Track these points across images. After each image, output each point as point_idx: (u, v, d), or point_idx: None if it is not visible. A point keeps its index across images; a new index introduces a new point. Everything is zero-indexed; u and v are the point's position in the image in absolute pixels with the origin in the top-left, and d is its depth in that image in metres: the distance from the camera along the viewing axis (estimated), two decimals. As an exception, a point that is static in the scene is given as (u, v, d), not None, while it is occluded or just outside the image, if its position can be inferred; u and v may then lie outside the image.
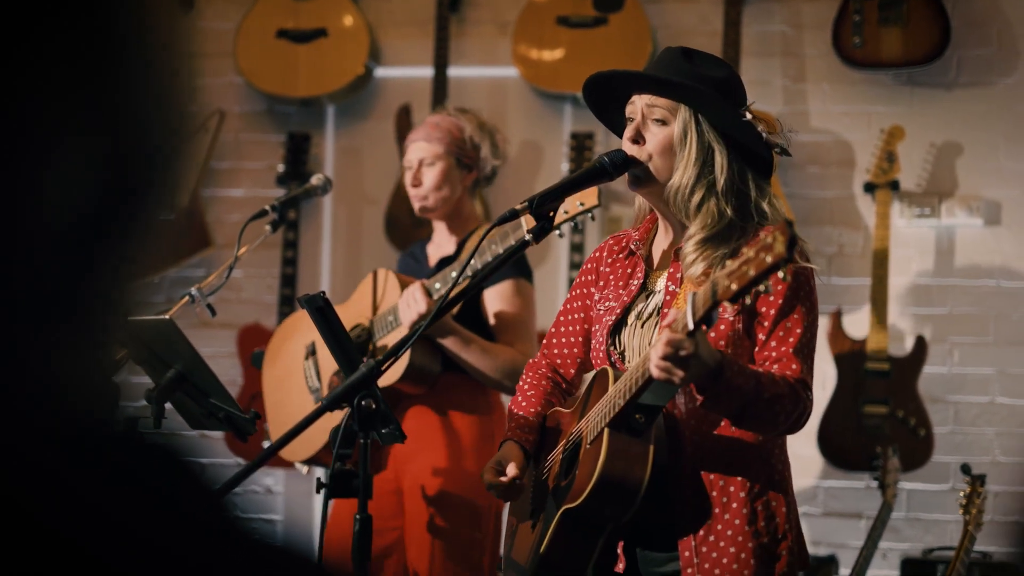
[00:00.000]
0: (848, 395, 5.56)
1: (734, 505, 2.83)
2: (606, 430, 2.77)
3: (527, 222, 3.57)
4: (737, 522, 2.82)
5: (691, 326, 2.51)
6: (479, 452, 4.07)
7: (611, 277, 3.05)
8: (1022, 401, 5.61)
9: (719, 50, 5.64)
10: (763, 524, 2.83)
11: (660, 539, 2.88)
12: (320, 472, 4.57)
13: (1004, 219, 5.66)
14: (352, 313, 4.23)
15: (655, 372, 2.57)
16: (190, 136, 0.73)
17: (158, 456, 0.69)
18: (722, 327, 2.82)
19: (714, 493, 2.84)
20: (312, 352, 4.32)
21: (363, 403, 2.68)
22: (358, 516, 2.75)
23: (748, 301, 2.47)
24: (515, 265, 4.07)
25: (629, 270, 3.02)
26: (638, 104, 2.93)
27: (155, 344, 3.33)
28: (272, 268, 6.14)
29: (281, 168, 6.14)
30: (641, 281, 2.99)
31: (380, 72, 6.29)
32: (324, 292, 2.96)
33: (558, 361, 3.19)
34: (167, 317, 3.34)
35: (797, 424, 2.81)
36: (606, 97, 3.05)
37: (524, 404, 3.15)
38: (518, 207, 2.83)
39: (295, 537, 0.75)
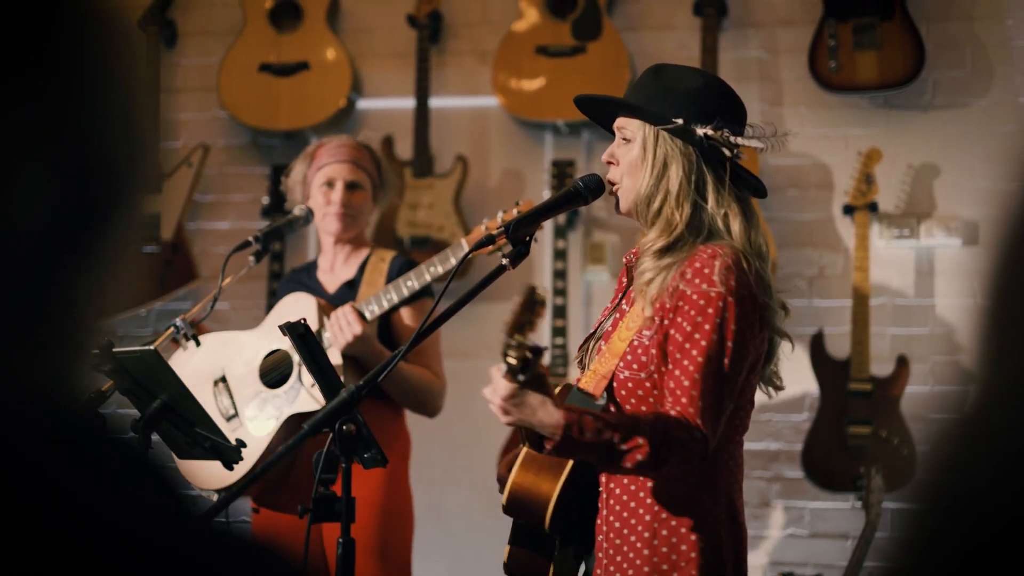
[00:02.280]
0: (831, 416, 5.60)
1: (639, 527, 2.86)
2: (523, 448, 2.87)
3: (467, 243, 3.68)
4: (638, 544, 2.85)
5: (503, 372, 2.63)
6: (389, 488, 4.18)
7: (614, 289, 3.13)
8: (1004, 419, 5.64)
9: (697, 76, 5.69)
10: (663, 549, 2.84)
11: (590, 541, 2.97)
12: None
13: (982, 238, 5.71)
14: (270, 337, 4.22)
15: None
16: (151, 156, 0.76)
17: (131, 453, 0.72)
18: (639, 351, 2.85)
19: (625, 513, 2.87)
20: (222, 379, 4.24)
21: (344, 428, 2.72)
22: (340, 540, 2.78)
23: (513, 361, 2.58)
24: (425, 287, 4.11)
25: (623, 283, 3.08)
26: (616, 128, 3.01)
27: (140, 375, 3.36)
28: (258, 299, 6.17)
29: (266, 200, 6.18)
30: (622, 293, 3.04)
31: (362, 104, 6.34)
32: (305, 319, 3.00)
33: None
34: (152, 348, 3.37)
35: (678, 466, 2.78)
36: (603, 118, 3.13)
37: None
38: (494, 232, 2.88)
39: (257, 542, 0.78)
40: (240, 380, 4.20)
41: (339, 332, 3.98)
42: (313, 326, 4.03)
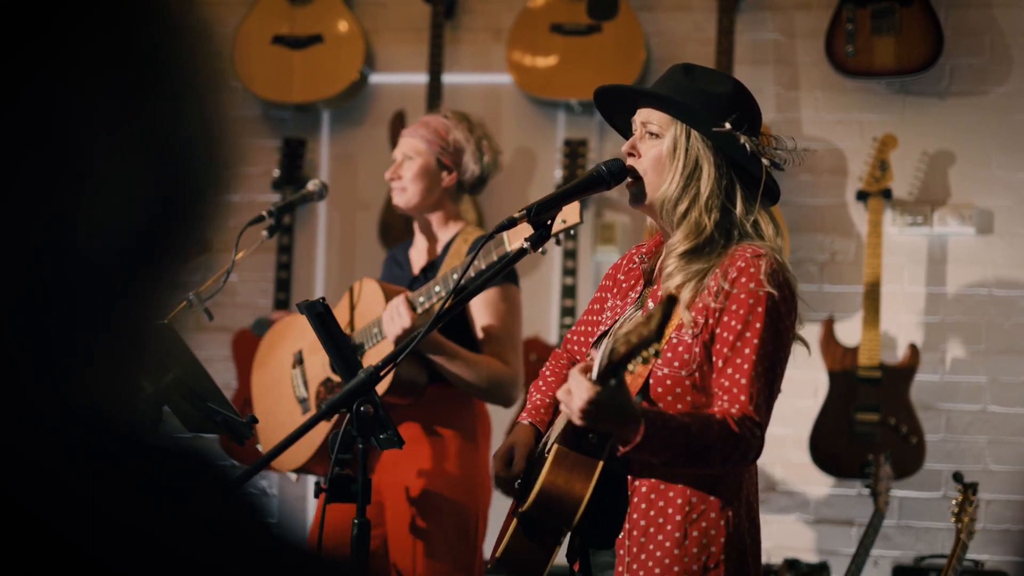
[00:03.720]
0: (840, 402, 5.58)
1: (668, 527, 2.83)
2: (555, 446, 2.82)
3: (508, 238, 3.59)
4: (667, 544, 2.82)
5: (594, 376, 2.59)
6: (463, 460, 4.07)
7: (623, 286, 3.07)
8: (1014, 409, 5.63)
9: (712, 58, 5.67)
10: (694, 550, 2.82)
11: (608, 543, 2.92)
12: (312, 477, 4.57)
13: (996, 228, 5.69)
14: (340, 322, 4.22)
15: (561, 408, 2.70)
16: (230, 167, 0.74)
17: (196, 467, 0.70)
18: (680, 349, 2.82)
19: (652, 512, 2.84)
20: (300, 361, 4.32)
21: (362, 409, 2.70)
22: (356, 520, 2.77)
23: (632, 368, 2.53)
24: (500, 271, 4.04)
25: (633, 282, 3.05)
26: (637, 119, 2.96)
27: (154, 348, 3.34)
28: (267, 272, 6.15)
29: (276, 173, 6.16)
30: (638, 295, 3.01)
31: (375, 78, 6.31)
32: (323, 298, 2.98)
33: (577, 358, 3.21)
34: (166, 321, 3.36)
35: (740, 463, 2.81)
36: (613, 106, 3.08)
37: (543, 388, 3.18)
38: (516, 215, 2.85)
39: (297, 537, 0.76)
40: (312, 364, 4.23)
41: (389, 323, 3.92)
42: (379, 313, 4.01)
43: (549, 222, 2.87)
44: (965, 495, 4.29)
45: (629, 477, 2.86)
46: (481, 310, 4.09)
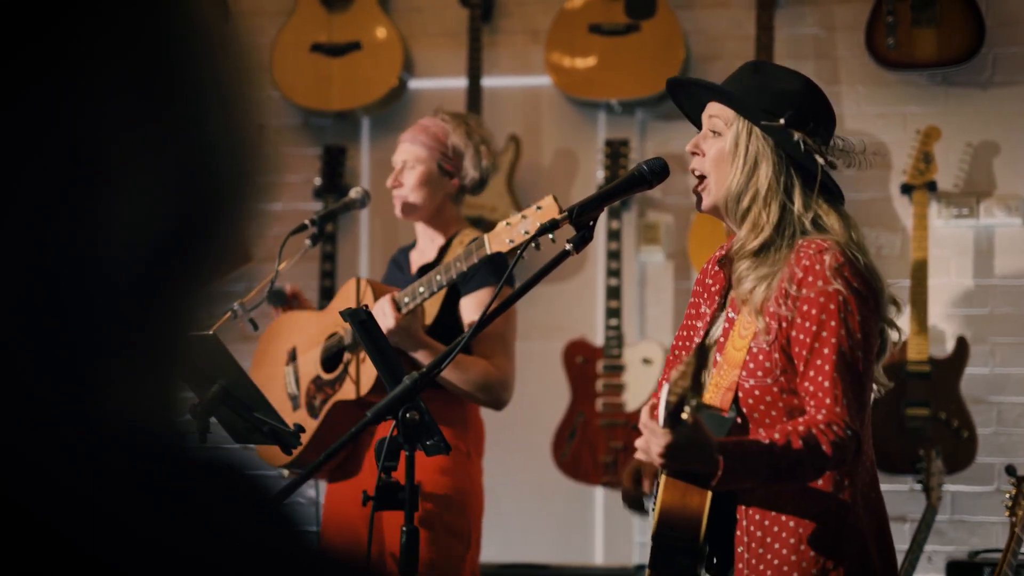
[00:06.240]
0: (890, 398, 5.53)
1: (783, 534, 2.81)
2: (663, 476, 2.81)
3: (490, 240, 3.55)
4: (785, 551, 2.80)
5: (661, 423, 2.59)
6: (455, 466, 4.03)
7: (712, 290, 3.04)
8: (1065, 400, 5.58)
9: (751, 55, 5.64)
10: (812, 554, 2.80)
11: (724, 567, 2.89)
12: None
13: (1043, 218, 5.64)
14: (329, 321, 4.21)
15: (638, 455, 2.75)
16: (262, 171, 0.73)
17: (228, 478, 0.69)
18: (761, 357, 2.81)
19: (766, 522, 2.82)
20: (293, 358, 4.30)
21: (408, 415, 2.70)
22: (405, 528, 2.77)
23: (686, 415, 2.53)
24: (495, 270, 4.00)
25: (719, 286, 3.02)
26: (704, 115, 2.96)
27: (199, 359, 3.36)
28: (310, 281, 6.16)
29: (318, 181, 6.17)
30: (721, 298, 3.00)
31: (414, 84, 6.31)
32: (366, 306, 2.98)
33: None
34: (211, 332, 3.36)
35: (837, 468, 2.78)
36: (682, 100, 3.10)
37: None
38: (558, 217, 2.85)
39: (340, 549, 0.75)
40: (305, 361, 4.22)
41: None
42: None
43: (591, 223, 2.86)
44: (1019, 488, 4.24)
45: (737, 497, 2.85)
46: (473, 311, 4.06)
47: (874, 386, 2.97)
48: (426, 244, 4.32)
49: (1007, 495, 4.26)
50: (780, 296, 2.79)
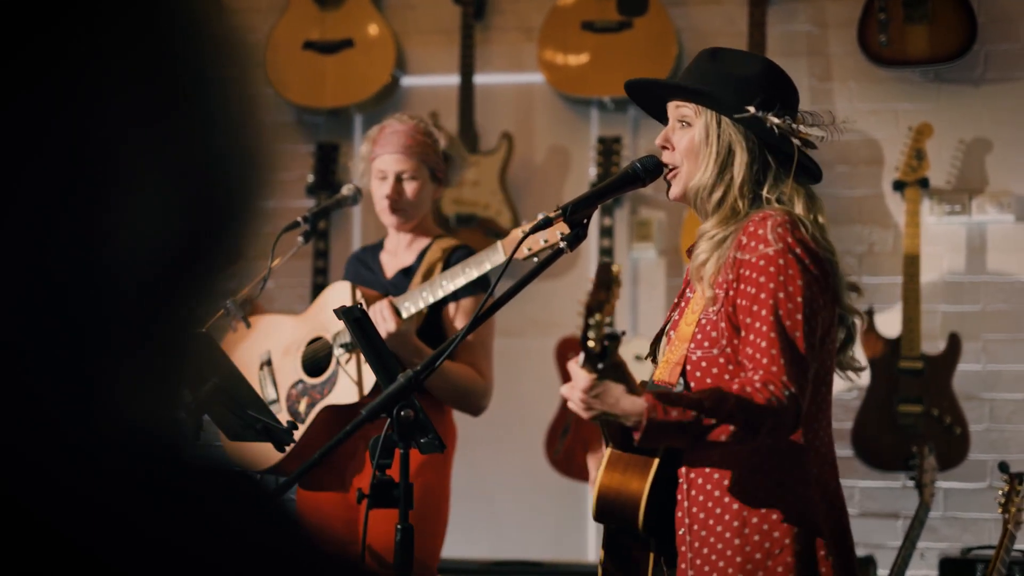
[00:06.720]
0: (882, 394, 5.54)
1: (726, 516, 2.77)
2: (608, 450, 2.80)
3: (503, 247, 3.56)
4: (727, 534, 2.77)
5: (579, 363, 2.57)
6: (433, 467, 4.03)
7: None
8: (1057, 397, 5.59)
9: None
10: (756, 538, 2.75)
11: (668, 552, 2.87)
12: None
13: (1035, 214, 5.65)
14: (309, 326, 4.19)
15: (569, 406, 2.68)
16: (268, 173, 0.73)
17: (228, 478, 0.69)
18: (708, 328, 2.79)
19: (709, 504, 2.79)
20: (268, 362, 4.27)
21: (402, 413, 2.70)
22: (399, 526, 2.77)
23: (592, 338, 2.52)
24: (477, 280, 3.96)
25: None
26: (671, 109, 2.95)
27: (192, 356, 3.35)
28: (303, 278, 6.16)
29: (310, 178, 6.17)
30: (685, 284, 3.00)
31: (406, 81, 6.31)
32: (361, 303, 2.98)
33: None
34: (203, 330, 3.36)
35: (775, 431, 2.69)
36: (646, 99, 3.08)
37: None
38: (551, 214, 2.84)
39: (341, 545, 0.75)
40: (283, 365, 4.18)
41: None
42: None
43: (585, 221, 2.85)
44: (1011, 485, 4.25)
45: (683, 470, 2.82)
46: (459, 319, 4.07)
47: (851, 374, 2.96)
48: (399, 247, 4.29)
49: (1000, 492, 4.27)
50: (728, 265, 2.78)
